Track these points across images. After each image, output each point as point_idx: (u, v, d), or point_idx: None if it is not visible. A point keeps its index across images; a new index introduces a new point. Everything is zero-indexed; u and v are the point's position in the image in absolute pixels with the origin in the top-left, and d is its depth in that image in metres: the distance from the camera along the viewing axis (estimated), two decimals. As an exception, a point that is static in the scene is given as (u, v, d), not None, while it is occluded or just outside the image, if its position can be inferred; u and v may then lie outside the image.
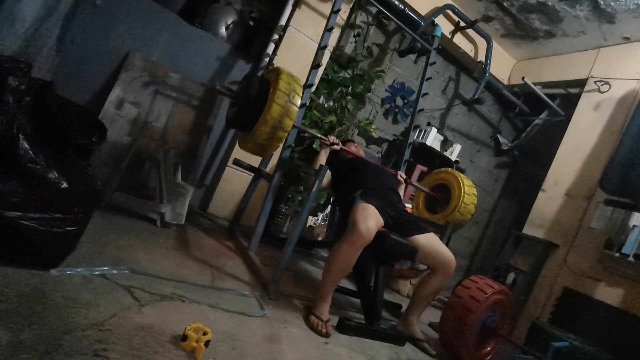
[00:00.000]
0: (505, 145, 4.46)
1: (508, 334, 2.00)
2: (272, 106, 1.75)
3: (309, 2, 2.98)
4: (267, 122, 1.76)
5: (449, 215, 2.49)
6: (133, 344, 1.00)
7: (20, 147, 1.09)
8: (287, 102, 1.78)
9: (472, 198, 2.49)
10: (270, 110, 1.76)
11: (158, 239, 1.92)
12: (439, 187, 2.68)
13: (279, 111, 1.76)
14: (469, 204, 2.47)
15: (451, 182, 2.58)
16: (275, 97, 1.76)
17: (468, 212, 2.48)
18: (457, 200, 2.46)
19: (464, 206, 2.46)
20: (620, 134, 2.89)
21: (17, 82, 1.12)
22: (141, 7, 2.60)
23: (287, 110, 1.78)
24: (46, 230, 1.14)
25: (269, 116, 1.76)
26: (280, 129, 1.79)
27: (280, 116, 1.76)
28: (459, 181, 2.51)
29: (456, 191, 2.50)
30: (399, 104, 3.80)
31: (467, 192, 2.46)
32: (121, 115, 2.53)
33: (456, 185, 2.52)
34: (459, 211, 2.46)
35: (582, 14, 3.13)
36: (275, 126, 1.77)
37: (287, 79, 1.83)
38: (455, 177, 2.56)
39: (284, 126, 1.79)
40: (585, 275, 2.81)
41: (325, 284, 1.70)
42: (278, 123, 1.77)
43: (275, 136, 1.82)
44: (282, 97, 1.77)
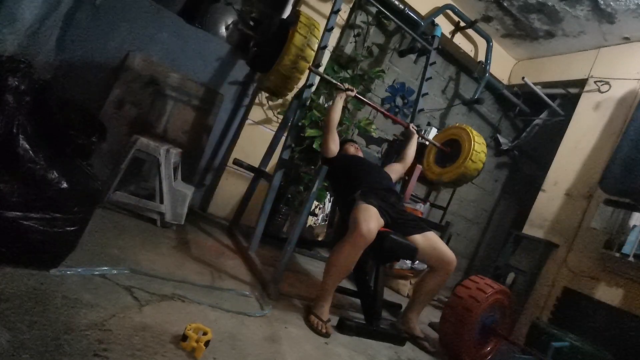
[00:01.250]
0: (505, 145, 4.46)
1: (508, 334, 2.00)
2: (296, 35, 1.91)
3: (309, 2, 2.98)
4: (291, 50, 1.91)
5: (462, 164, 2.54)
6: (133, 344, 1.00)
7: (20, 147, 1.09)
8: (308, 33, 1.94)
9: (482, 147, 2.55)
10: (294, 39, 1.91)
11: (158, 239, 1.92)
12: (449, 143, 2.74)
13: (301, 40, 1.92)
14: (479, 151, 2.52)
15: (460, 135, 2.64)
16: (298, 27, 1.92)
17: (479, 159, 2.53)
18: (469, 149, 2.52)
19: (476, 154, 2.51)
20: (620, 134, 2.89)
21: (17, 82, 1.12)
22: (141, 7, 2.60)
23: (309, 41, 1.94)
24: (46, 230, 1.14)
25: (292, 44, 1.91)
26: (302, 58, 1.93)
27: (302, 45, 1.92)
28: (468, 132, 2.58)
29: (466, 142, 2.56)
30: (399, 104, 3.79)
31: (477, 141, 2.53)
32: (121, 115, 2.53)
33: (466, 137, 2.58)
34: (471, 159, 2.50)
35: (582, 14, 3.13)
36: (298, 54, 1.92)
37: (307, 15, 2.02)
38: (464, 129, 2.63)
39: (306, 55, 1.94)
40: (585, 275, 2.81)
41: (326, 284, 1.70)
42: (300, 52, 1.92)
43: (298, 67, 1.95)
44: (304, 28, 1.94)
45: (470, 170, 2.53)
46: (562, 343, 2.07)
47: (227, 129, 3.05)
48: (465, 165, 2.51)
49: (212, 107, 2.88)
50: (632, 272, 2.55)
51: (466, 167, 2.51)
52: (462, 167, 2.52)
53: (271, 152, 2.61)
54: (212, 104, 2.88)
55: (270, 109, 3.04)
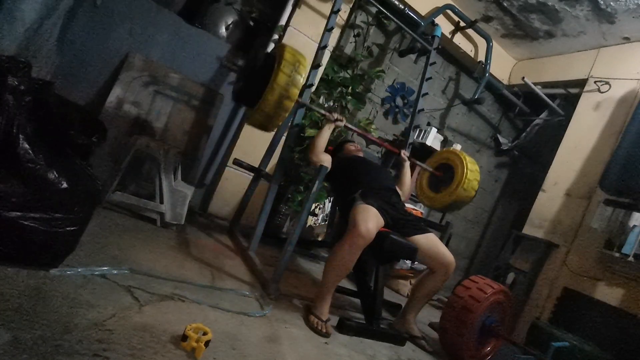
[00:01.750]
0: (505, 145, 4.46)
1: (508, 334, 2.00)
2: (279, 74, 1.84)
3: (309, 2, 2.98)
4: (274, 90, 1.84)
5: (453, 192, 2.51)
6: (133, 344, 1.00)
7: (20, 147, 1.09)
8: (292, 72, 1.87)
9: (475, 174, 2.52)
10: (277, 79, 1.84)
11: (158, 239, 1.92)
12: (442, 167, 2.71)
13: (285, 80, 1.85)
14: (472, 179, 2.50)
15: (454, 161, 2.62)
16: (281, 66, 1.86)
17: (472, 188, 2.50)
18: (461, 177, 2.49)
19: (468, 182, 2.49)
20: (620, 134, 2.89)
21: (17, 82, 1.12)
22: (141, 7, 2.60)
23: (293, 79, 1.87)
24: (46, 230, 1.14)
25: (275, 84, 1.84)
26: (286, 97, 1.87)
27: (286, 84, 1.85)
28: (461, 159, 2.55)
29: (459, 169, 2.54)
30: (399, 104, 3.80)
31: (470, 169, 2.50)
32: (121, 115, 2.53)
33: (459, 164, 2.55)
34: (463, 187, 2.48)
35: (582, 14, 3.13)
36: (282, 94, 1.85)
37: (292, 51, 1.95)
38: (458, 155, 2.60)
39: (290, 95, 1.87)
40: (585, 275, 2.81)
41: (326, 284, 1.70)
42: (284, 91, 1.85)
43: (282, 105, 1.89)
44: (288, 66, 1.87)
45: (463, 197, 2.50)
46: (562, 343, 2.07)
47: (227, 129, 3.05)
48: (457, 192, 2.48)
49: (212, 107, 2.88)
50: (632, 272, 2.55)
51: (458, 195, 2.49)
52: (454, 195, 2.49)
53: (271, 152, 2.61)
54: (212, 104, 2.88)
55: (270, 109, 3.04)
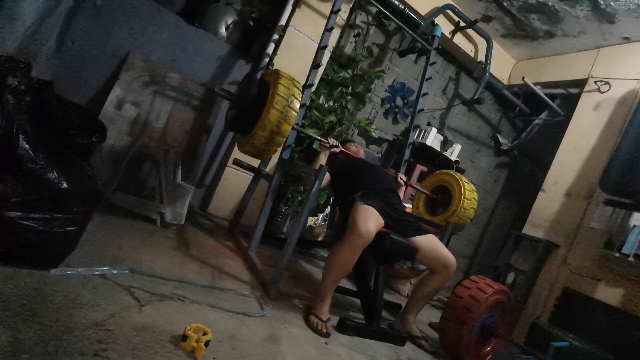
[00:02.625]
0: (505, 145, 4.46)
1: (508, 334, 2.00)
2: (270, 111, 1.73)
3: (309, 2, 2.98)
4: (265, 127, 1.75)
5: (449, 218, 2.48)
6: (133, 344, 1.00)
7: (20, 147, 1.09)
8: (285, 107, 1.75)
9: (472, 203, 2.47)
10: (269, 116, 1.74)
11: (158, 239, 1.92)
12: (439, 189, 2.67)
13: (277, 116, 1.74)
14: (468, 208, 2.46)
15: (452, 184, 2.56)
16: (273, 102, 1.74)
17: (467, 217, 2.47)
18: (457, 205, 2.45)
19: (463, 211, 2.45)
20: (620, 134, 2.89)
21: (17, 82, 1.12)
22: (141, 7, 2.60)
23: (286, 116, 1.76)
24: (46, 230, 1.14)
25: (266, 121, 1.74)
26: (278, 134, 1.77)
27: (278, 121, 1.74)
28: (459, 184, 2.49)
29: (456, 195, 2.48)
30: (399, 104, 3.80)
31: (467, 197, 2.44)
32: (121, 115, 2.53)
33: (457, 188, 2.50)
34: (457, 215, 2.45)
35: (582, 14, 3.13)
36: (273, 131, 1.75)
37: (286, 82, 1.81)
38: (457, 179, 2.54)
39: (282, 131, 1.77)
40: (585, 275, 2.81)
41: (325, 284, 1.70)
42: (276, 128, 1.75)
43: (273, 141, 1.80)
44: (281, 102, 1.75)
45: (463, 218, 2.47)
46: (562, 343, 2.07)
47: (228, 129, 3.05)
48: (457, 214, 2.44)
49: (212, 107, 2.88)
50: (632, 272, 2.55)
51: (459, 217, 2.45)
52: (455, 217, 2.46)
53: (271, 152, 2.61)
54: (212, 104, 2.88)
55: (270, 109, 3.04)
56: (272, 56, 2.94)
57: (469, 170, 4.33)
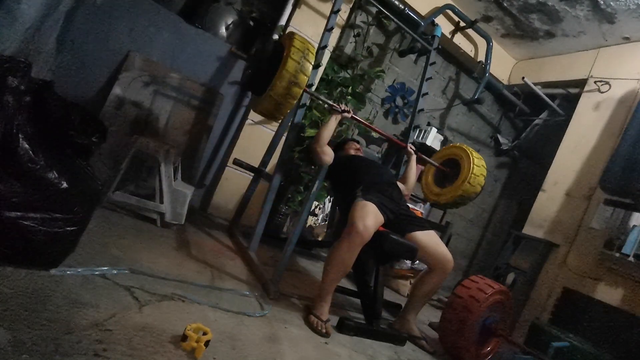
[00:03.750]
0: (505, 145, 4.46)
1: (508, 334, 2.00)
2: (288, 61, 1.85)
3: (309, 2, 2.98)
4: (284, 77, 1.85)
5: (459, 187, 2.51)
6: (133, 344, 1.00)
7: (20, 147, 1.09)
8: (301, 58, 1.87)
9: (481, 170, 2.52)
10: (287, 66, 1.85)
11: (158, 239, 1.92)
12: (448, 162, 2.71)
13: (294, 67, 1.85)
14: (478, 175, 2.50)
15: (460, 155, 2.61)
16: (291, 53, 1.86)
17: (478, 183, 2.50)
18: (468, 172, 2.49)
19: (474, 177, 2.48)
20: (620, 134, 2.89)
21: (17, 82, 1.12)
22: (141, 7, 2.60)
23: (302, 67, 1.87)
24: (46, 230, 1.13)
25: (285, 71, 1.85)
26: (295, 84, 1.87)
27: (295, 71, 1.85)
28: (468, 154, 2.55)
29: (465, 164, 2.53)
30: (399, 104, 3.80)
31: (476, 164, 2.50)
32: (121, 115, 2.53)
33: (465, 158, 2.55)
34: (469, 182, 2.48)
35: (582, 14, 3.13)
36: (291, 81, 1.86)
37: (300, 39, 1.95)
38: (464, 150, 2.60)
39: (299, 82, 1.88)
40: (585, 275, 2.81)
41: (325, 284, 1.70)
42: (294, 78, 1.86)
43: (291, 92, 1.89)
44: (297, 53, 1.87)
45: (469, 192, 2.49)
46: (562, 343, 2.07)
47: (227, 129, 3.05)
48: (463, 188, 2.47)
49: (212, 107, 2.88)
50: (632, 272, 2.55)
51: (464, 190, 2.47)
52: (460, 190, 2.48)
53: (271, 152, 2.61)
54: (212, 104, 2.88)
55: (270, 109, 3.04)
56: (272, 56, 2.94)
57: (469, 170, 4.32)
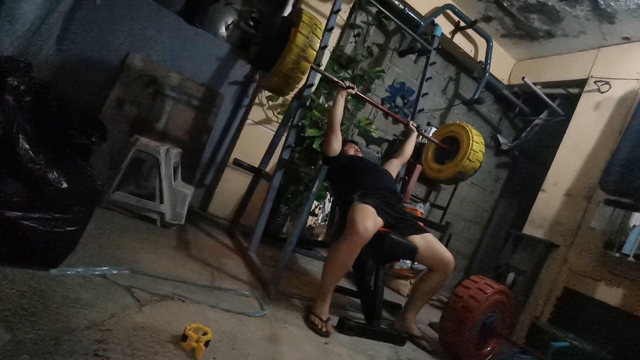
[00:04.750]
0: (505, 145, 4.46)
1: (508, 334, 2.00)
2: (297, 36, 1.88)
3: (309, 2, 2.98)
4: (293, 50, 1.88)
5: (459, 163, 2.56)
6: (133, 344, 1.00)
7: (20, 147, 1.09)
8: (310, 33, 1.91)
9: (480, 146, 2.57)
10: (296, 40, 1.88)
11: (158, 239, 1.92)
12: (447, 140, 2.76)
13: (303, 41, 1.89)
14: (477, 151, 2.55)
15: (459, 132, 2.66)
16: (299, 28, 1.90)
17: (477, 159, 2.55)
18: (467, 148, 2.54)
19: (473, 153, 2.54)
20: (620, 134, 2.89)
21: (17, 82, 1.12)
22: (141, 7, 2.60)
23: (311, 41, 1.91)
24: (46, 230, 1.14)
25: (294, 45, 1.88)
26: (304, 58, 1.91)
27: (304, 45, 1.89)
28: (467, 131, 2.59)
29: (465, 140, 2.58)
30: (399, 104, 3.79)
31: (475, 141, 2.55)
32: (121, 115, 2.53)
33: (465, 135, 2.60)
34: (468, 158, 2.53)
35: (582, 14, 3.13)
36: (300, 55, 1.90)
37: (309, 14, 1.99)
38: (463, 127, 2.64)
39: (308, 55, 1.91)
40: (585, 275, 2.81)
41: (325, 284, 1.70)
42: (302, 52, 1.90)
43: (299, 67, 1.93)
44: (306, 28, 1.91)
45: (468, 168, 2.56)
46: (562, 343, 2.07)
47: (227, 129, 3.05)
48: (462, 163, 2.54)
49: (212, 107, 2.88)
50: (632, 272, 2.55)
51: (463, 166, 2.55)
52: (460, 166, 2.56)
53: (271, 152, 2.61)
54: (212, 104, 2.88)
55: (270, 109, 3.04)
56: (272, 56, 2.94)
57: (469, 170, 4.32)
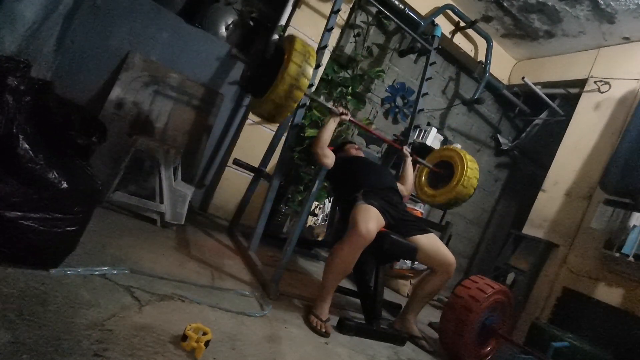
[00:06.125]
0: (505, 145, 4.46)
1: (508, 334, 2.00)
2: (290, 65, 1.83)
3: (309, 2, 2.98)
4: (285, 80, 1.83)
5: (453, 189, 2.53)
6: (133, 344, 1.00)
7: (20, 147, 1.09)
8: (303, 62, 1.86)
9: (474, 172, 2.53)
10: (289, 69, 1.83)
11: (158, 239, 1.92)
12: (441, 164, 2.73)
13: (296, 70, 1.84)
14: (471, 177, 2.52)
15: (454, 158, 2.63)
16: (292, 56, 1.84)
17: (471, 185, 2.52)
18: (461, 174, 2.51)
19: (467, 179, 2.50)
20: (620, 134, 2.89)
21: (17, 82, 1.12)
22: (141, 7, 2.60)
23: (303, 70, 1.86)
24: (46, 230, 1.13)
25: (286, 74, 1.83)
26: (296, 87, 1.86)
27: (297, 74, 1.84)
28: (461, 157, 2.57)
29: (459, 166, 2.55)
30: (399, 104, 3.80)
31: (469, 167, 2.52)
32: (121, 115, 2.53)
33: (459, 161, 2.57)
34: (462, 184, 2.50)
35: (582, 14, 3.13)
36: (292, 85, 1.84)
37: (302, 42, 1.94)
38: (458, 153, 2.61)
39: (301, 85, 1.86)
40: (585, 275, 2.81)
41: (326, 284, 1.70)
42: (295, 81, 1.84)
43: (292, 95, 1.88)
44: (299, 56, 1.86)
45: (462, 194, 2.52)
46: (562, 343, 2.07)
47: (227, 129, 3.05)
48: (456, 189, 2.49)
49: (212, 107, 2.88)
50: (632, 272, 2.55)
51: (458, 192, 2.50)
52: (454, 192, 2.50)
53: (271, 152, 2.61)
54: (212, 104, 2.88)
55: (270, 109, 3.04)
56: (272, 56, 2.94)
57: (469, 170, 4.32)
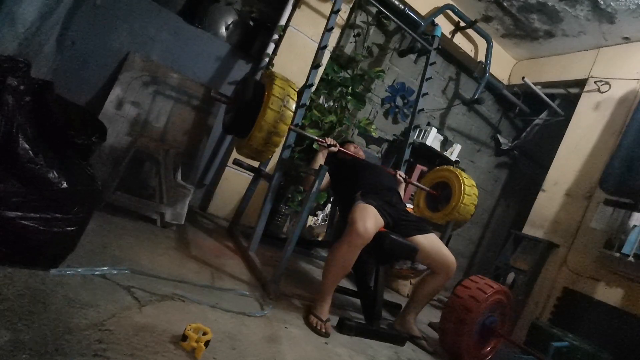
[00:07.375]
0: (505, 145, 4.46)
1: (508, 334, 2.00)
2: (267, 112, 1.75)
3: (309, 2, 2.98)
4: (262, 127, 1.76)
5: (449, 214, 2.49)
6: (133, 344, 1.00)
7: (20, 147, 1.09)
8: (281, 107, 1.77)
9: (472, 198, 2.48)
10: (265, 116, 1.75)
11: (158, 239, 1.92)
12: (440, 185, 2.68)
13: (273, 117, 1.76)
14: (468, 204, 2.47)
15: (452, 180, 2.57)
16: (269, 103, 1.76)
17: (467, 212, 2.48)
18: (457, 201, 2.46)
19: (463, 207, 2.46)
20: (620, 134, 2.89)
21: (17, 82, 1.12)
22: (141, 7, 2.60)
23: (282, 116, 1.77)
24: (46, 230, 1.14)
25: (263, 122, 1.76)
26: (275, 134, 1.78)
27: (274, 121, 1.76)
28: (459, 180, 2.51)
29: (456, 191, 2.50)
30: (399, 104, 3.80)
31: (467, 193, 2.45)
32: (121, 115, 2.53)
33: (457, 185, 2.51)
34: (457, 212, 2.45)
35: (582, 14, 3.13)
36: (270, 132, 1.77)
37: (280, 83, 1.82)
38: (457, 175, 2.55)
39: (279, 131, 1.78)
40: (585, 275, 2.81)
41: (325, 284, 1.70)
42: (273, 128, 1.76)
43: (271, 141, 1.82)
44: (277, 102, 1.77)
45: (463, 214, 2.49)
46: (562, 343, 2.07)
47: (227, 129, 3.04)
48: (458, 210, 2.46)
49: (212, 107, 2.88)
50: (632, 272, 2.55)
51: (459, 213, 2.47)
52: (454, 213, 2.47)
53: (271, 152, 2.61)
54: (212, 104, 2.88)
55: (270, 109, 3.04)
56: (272, 56, 2.94)
57: (469, 170, 4.33)
